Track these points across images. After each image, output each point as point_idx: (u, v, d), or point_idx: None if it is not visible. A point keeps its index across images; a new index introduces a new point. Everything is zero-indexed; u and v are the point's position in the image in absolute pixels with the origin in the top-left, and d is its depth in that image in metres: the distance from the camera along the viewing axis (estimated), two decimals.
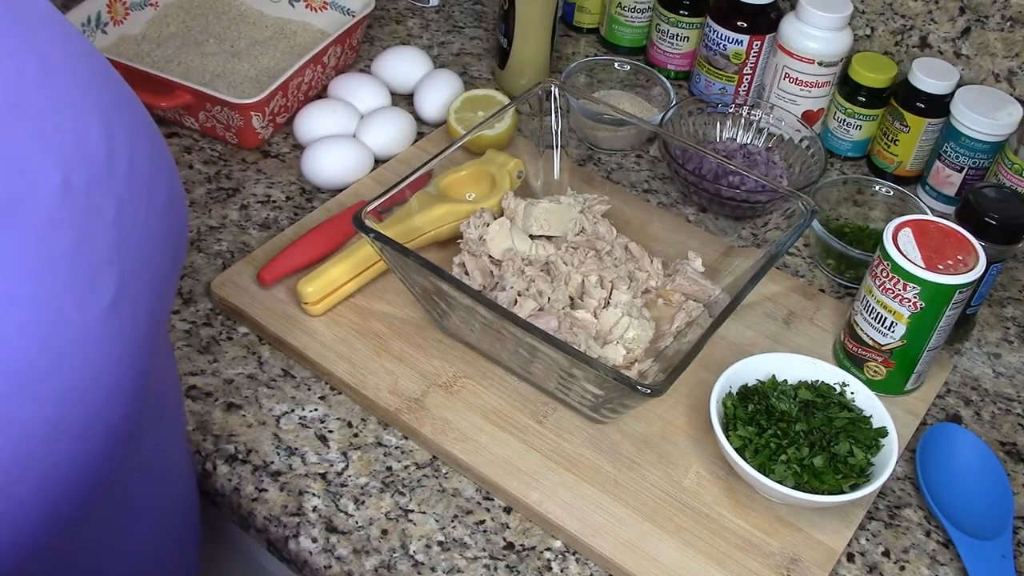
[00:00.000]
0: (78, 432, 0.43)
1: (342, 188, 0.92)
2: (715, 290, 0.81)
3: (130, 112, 0.47)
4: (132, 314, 0.45)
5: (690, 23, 1.08)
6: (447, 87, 1.00)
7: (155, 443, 0.56)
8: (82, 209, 0.42)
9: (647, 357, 0.77)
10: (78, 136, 0.42)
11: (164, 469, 0.59)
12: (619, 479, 0.70)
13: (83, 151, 0.42)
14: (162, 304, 0.50)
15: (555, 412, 0.74)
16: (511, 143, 0.93)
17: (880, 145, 1.00)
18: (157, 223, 0.48)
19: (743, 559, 0.66)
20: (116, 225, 0.44)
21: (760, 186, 0.85)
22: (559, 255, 0.81)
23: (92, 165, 0.43)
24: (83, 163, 0.42)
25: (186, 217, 0.53)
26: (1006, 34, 0.96)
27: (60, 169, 0.41)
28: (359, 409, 0.75)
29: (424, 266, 0.69)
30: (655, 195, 0.96)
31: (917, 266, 0.70)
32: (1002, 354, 0.84)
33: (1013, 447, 0.77)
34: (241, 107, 0.90)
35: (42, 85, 0.41)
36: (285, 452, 0.71)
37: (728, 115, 1.00)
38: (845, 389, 0.73)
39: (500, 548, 0.67)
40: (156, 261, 0.48)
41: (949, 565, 0.69)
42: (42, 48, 0.42)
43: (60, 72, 0.43)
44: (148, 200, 0.47)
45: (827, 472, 0.67)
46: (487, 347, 0.76)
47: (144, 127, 0.48)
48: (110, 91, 0.46)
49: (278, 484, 0.70)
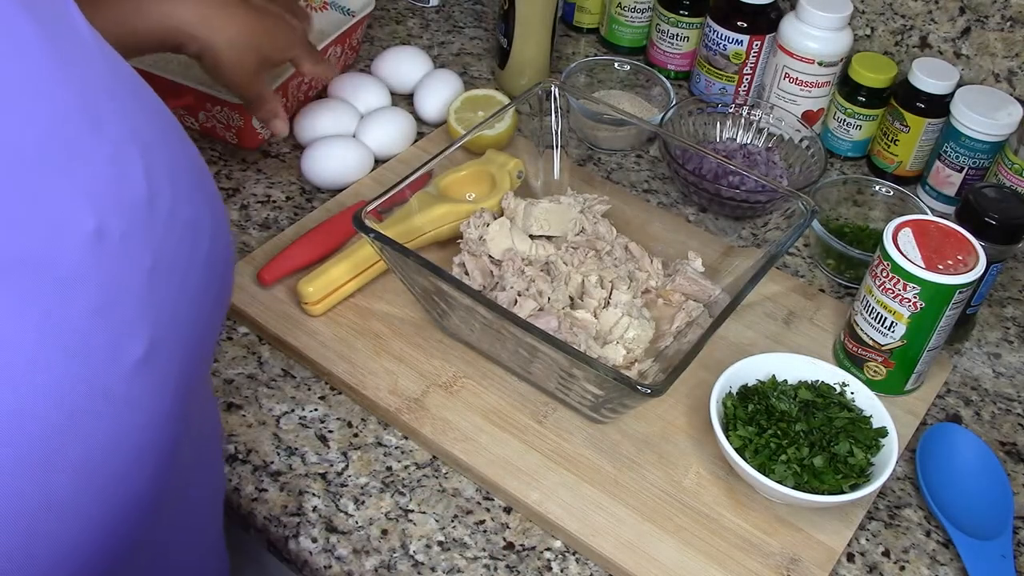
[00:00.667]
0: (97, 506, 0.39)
1: (342, 188, 0.92)
2: (715, 290, 0.81)
3: (175, 147, 0.43)
4: (164, 372, 0.41)
5: (690, 23, 1.08)
6: (447, 87, 1.00)
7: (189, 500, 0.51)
8: (115, 259, 0.38)
9: (647, 357, 0.77)
10: (118, 177, 0.38)
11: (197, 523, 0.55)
12: (619, 479, 0.70)
13: (122, 193, 0.38)
14: (201, 357, 0.46)
15: (555, 412, 0.74)
16: (511, 143, 0.93)
17: (880, 145, 1.00)
18: (199, 271, 0.43)
19: (743, 559, 0.66)
20: (152, 275, 0.39)
21: (760, 186, 0.85)
22: (559, 255, 0.81)
23: (130, 209, 0.38)
24: (120, 207, 0.38)
25: (232, 262, 0.49)
26: (1006, 34, 0.96)
27: (94, 215, 0.37)
28: (359, 409, 0.75)
29: (424, 266, 0.69)
30: (655, 195, 0.96)
31: (917, 266, 0.70)
32: (1002, 354, 0.84)
33: (1013, 447, 0.77)
34: (241, 107, 0.90)
35: (82, 120, 0.38)
36: (285, 452, 0.71)
37: (728, 115, 1.00)
38: (845, 389, 0.73)
39: (500, 548, 0.67)
40: (196, 312, 0.43)
41: (949, 565, 0.69)
42: (82, 79, 0.39)
43: (100, 104, 0.39)
44: (191, 246, 0.42)
45: (827, 472, 0.67)
46: (487, 347, 0.76)
47: (188, 162, 0.44)
48: (153, 122, 0.42)
49: (278, 484, 0.70)
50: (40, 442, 0.36)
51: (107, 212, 0.37)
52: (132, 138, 0.40)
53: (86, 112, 0.38)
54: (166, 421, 0.41)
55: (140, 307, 0.39)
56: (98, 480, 0.38)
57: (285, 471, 0.70)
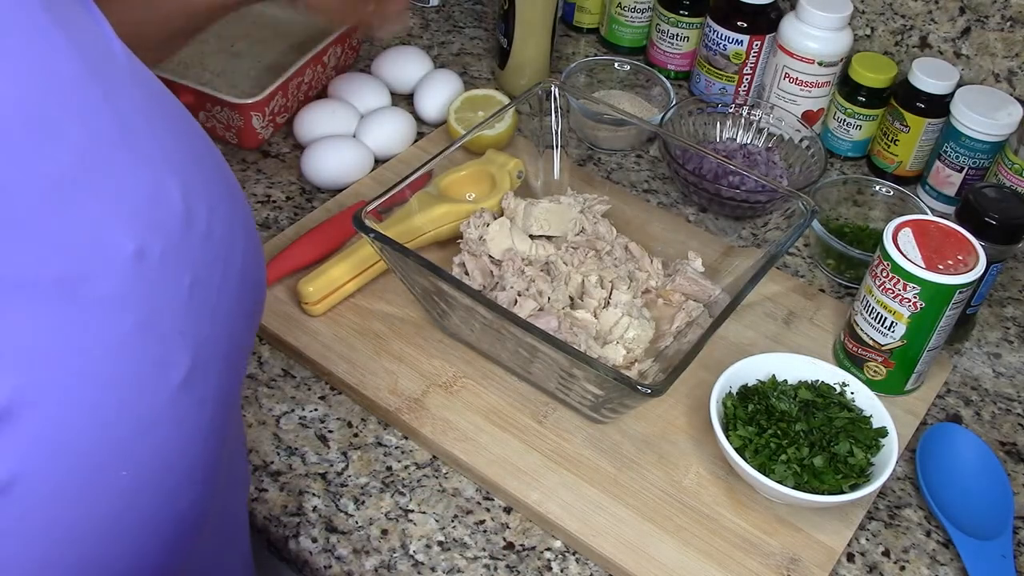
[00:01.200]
0: (139, 529, 0.39)
1: (342, 188, 0.92)
2: (715, 290, 0.81)
3: (208, 166, 0.43)
4: (205, 390, 0.41)
5: (690, 23, 1.08)
6: (447, 87, 1.00)
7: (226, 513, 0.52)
8: (156, 278, 0.38)
9: (647, 357, 0.77)
10: (155, 198, 0.38)
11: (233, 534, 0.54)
12: (619, 479, 0.70)
13: (159, 215, 0.38)
14: (237, 374, 0.46)
15: (555, 412, 0.74)
16: (511, 143, 0.93)
17: (880, 145, 1.00)
18: (234, 287, 0.44)
19: (743, 559, 0.66)
20: (191, 294, 0.40)
21: (760, 186, 0.85)
22: (559, 255, 0.81)
23: (168, 230, 0.39)
24: (159, 229, 0.38)
25: (264, 277, 0.49)
26: (1006, 34, 0.96)
27: (134, 237, 0.37)
28: (359, 409, 0.75)
29: (424, 266, 0.69)
30: (655, 195, 0.96)
31: (917, 266, 0.70)
32: (1002, 354, 0.84)
33: (1013, 447, 0.77)
34: (241, 107, 0.90)
35: (119, 142, 0.38)
36: (285, 452, 0.71)
37: (728, 115, 1.00)
38: (845, 389, 0.73)
39: (500, 548, 0.67)
40: (232, 327, 0.44)
41: (949, 565, 0.69)
42: (118, 102, 0.39)
43: (138, 126, 0.39)
44: (225, 263, 0.43)
45: (827, 472, 0.67)
46: (487, 347, 0.76)
47: (222, 180, 0.44)
48: (188, 143, 0.43)
49: (278, 484, 0.70)
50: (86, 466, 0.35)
51: (146, 232, 0.37)
52: (168, 159, 0.40)
53: (123, 134, 0.38)
54: (207, 439, 0.41)
55: (182, 325, 0.39)
56: (143, 502, 0.38)
57: (285, 471, 0.70)
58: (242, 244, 0.45)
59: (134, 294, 0.37)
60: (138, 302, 0.37)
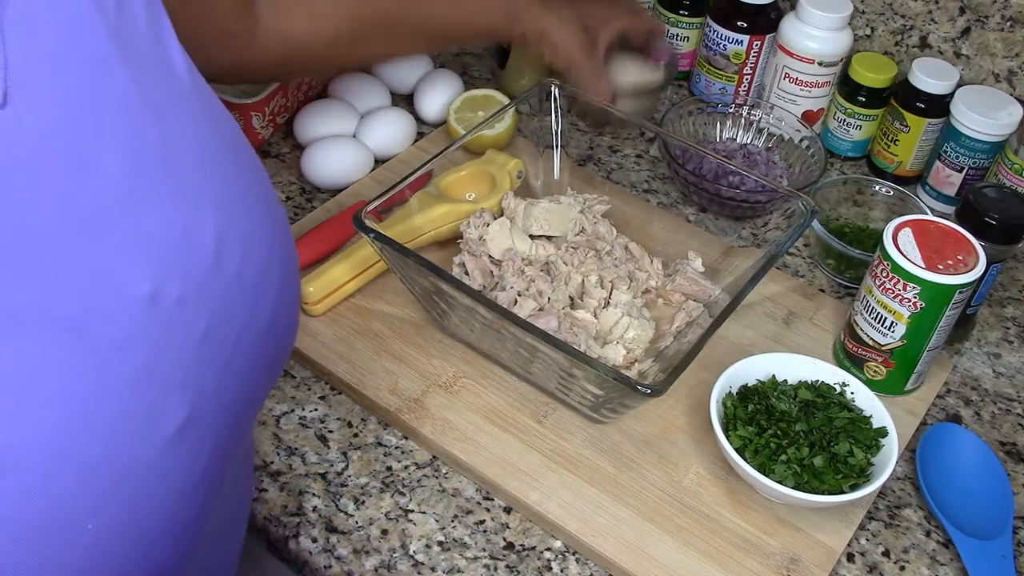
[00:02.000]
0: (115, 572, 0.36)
1: (342, 188, 0.92)
2: (715, 290, 0.81)
3: (255, 200, 0.40)
4: (199, 444, 0.38)
5: (690, 23, 1.08)
6: (447, 87, 1.00)
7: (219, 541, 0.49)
8: (166, 325, 0.35)
9: (647, 357, 0.77)
10: (185, 236, 0.36)
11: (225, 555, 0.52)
12: (619, 479, 0.70)
13: (185, 255, 0.36)
14: (244, 425, 0.43)
15: (555, 412, 0.74)
16: (511, 143, 0.93)
17: (880, 145, 1.00)
18: (258, 336, 0.40)
19: (743, 559, 0.66)
20: (203, 343, 0.37)
21: (760, 186, 0.85)
22: (559, 255, 0.81)
23: (192, 274, 0.36)
24: (182, 271, 0.36)
25: (294, 330, 0.46)
26: (1006, 34, 0.96)
27: (151, 278, 0.35)
28: (359, 409, 0.75)
29: (424, 266, 0.69)
30: (655, 195, 0.96)
31: (917, 266, 0.70)
32: (1002, 354, 0.84)
33: (1013, 447, 0.77)
34: (241, 107, 0.90)
35: (159, 173, 0.36)
36: (285, 452, 0.71)
37: (728, 115, 1.00)
38: (845, 389, 0.73)
39: (500, 548, 0.67)
40: (246, 380, 0.41)
41: (949, 565, 0.69)
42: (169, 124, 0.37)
43: (184, 154, 0.37)
44: (249, 313, 0.39)
45: (827, 472, 0.67)
46: (487, 347, 0.76)
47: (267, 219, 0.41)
48: (237, 173, 0.40)
49: (278, 484, 0.70)
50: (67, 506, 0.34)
51: (166, 273, 0.35)
52: (210, 190, 0.38)
53: (165, 164, 0.36)
54: (195, 493, 0.39)
55: (184, 375, 0.36)
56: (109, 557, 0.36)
57: (285, 471, 0.70)
58: (275, 291, 0.41)
59: (140, 338, 0.34)
60: (142, 347, 0.35)
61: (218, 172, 0.39)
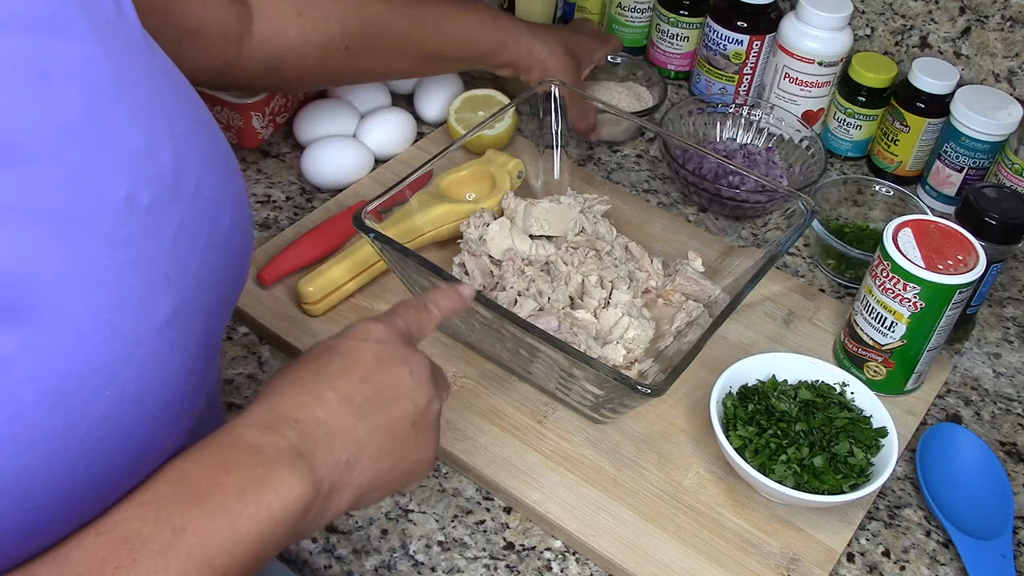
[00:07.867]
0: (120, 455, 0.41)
1: (342, 188, 0.92)
2: (715, 290, 0.81)
3: (205, 138, 0.48)
4: (187, 333, 0.44)
5: (690, 23, 1.08)
6: (447, 87, 1.00)
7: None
8: (142, 227, 0.42)
9: (647, 357, 0.77)
10: (147, 154, 0.43)
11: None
12: (619, 479, 0.70)
13: (150, 171, 0.43)
14: (217, 331, 0.49)
15: (555, 412, 0.74)
16: (511, 143, 0.93)
17: (880, 145, 1.00)
18: (219, 252, 0.47)
19: (743, 559, 0.66)
20: (175, 244, 0.43)
21: (760, 186, 0.85)
22: (559, 255, 0.81)
23: (157, 185, 0.43)
24: (148, 182, 0.42)
25: (250, 244, 0.53)
26: (1006, 34, 0.96)
27: (125, 184, 0.41)
28: None
29: (424, 266, 0.69)
30: (655, 195, 0.96)
31: (917, 266, 0.70)
32: (1002, 354, 0.84)
33: (1013, 447, 0.77)
34: (241, 107, 0.90)
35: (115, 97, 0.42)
36: None
37: (728, 115, 1.00)
38: (845, 389, 0.73)
39: (500, 548, 0.67)
40: (215, 284, 0.47)
41: (949, 565, 0.69)
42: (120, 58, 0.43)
43: (136, 86, 0.43)
44: (211, 226, 0.47)
45: (827, 472, 0.67)
46: (487, 347, 0.76)
47: (217, 153, 0.48)
48: (186, 113, 0.47)
49: None
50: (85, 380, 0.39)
51: (136, 184, 0.42)
52: (163, 123, 0.44)
53: (119, 91, 0.42)
54: (189, 377, 0.45)
55: (167, 271, 0.43)
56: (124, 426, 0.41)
57: None
58: (230, 215, 0.48)
59: (123, 234, 0.41)
60: (127, 241, 0.41)
61: (168, 106, 0.45)
